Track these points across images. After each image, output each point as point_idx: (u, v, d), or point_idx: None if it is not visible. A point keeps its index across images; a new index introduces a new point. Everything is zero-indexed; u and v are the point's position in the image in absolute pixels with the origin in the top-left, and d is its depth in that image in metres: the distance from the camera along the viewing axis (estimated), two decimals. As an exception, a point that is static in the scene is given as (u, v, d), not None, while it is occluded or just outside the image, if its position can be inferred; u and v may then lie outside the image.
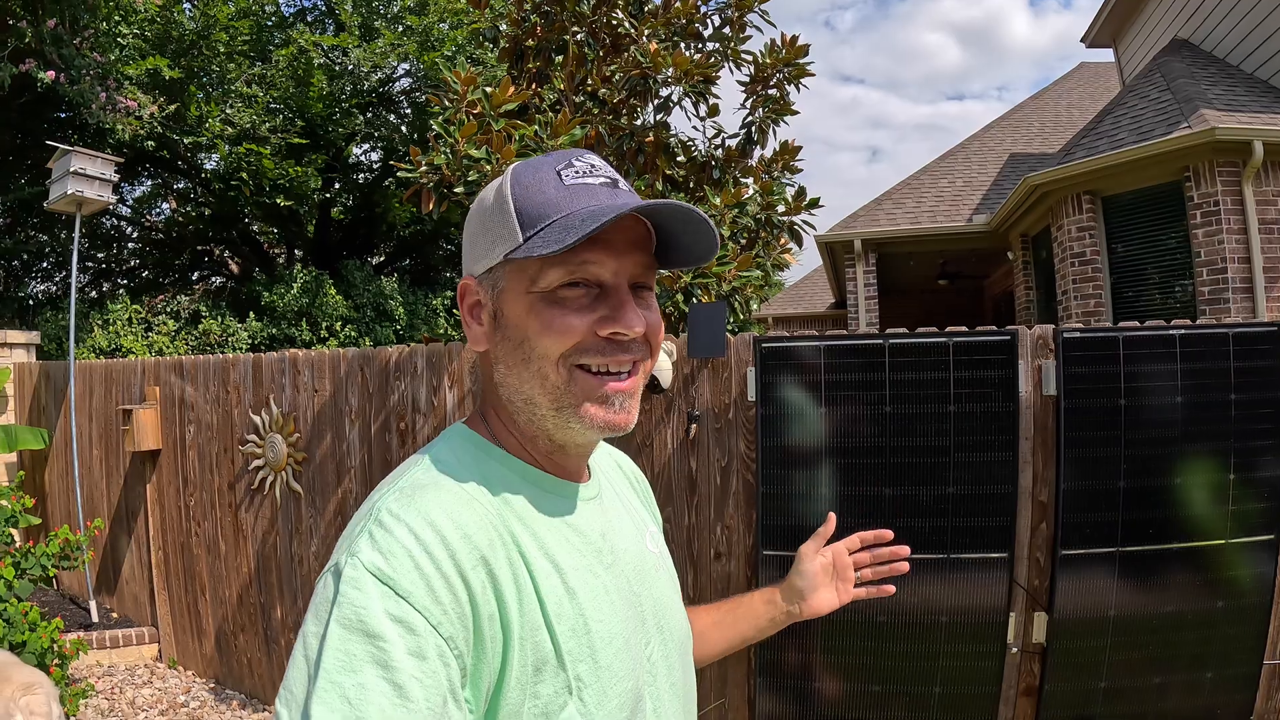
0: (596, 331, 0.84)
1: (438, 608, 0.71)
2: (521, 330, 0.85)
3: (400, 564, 0.72)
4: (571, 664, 0.80)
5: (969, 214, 10.20)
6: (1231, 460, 2.84)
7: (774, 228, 3.84)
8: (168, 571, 5.05)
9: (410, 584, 0.71)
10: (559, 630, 0.80)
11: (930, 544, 2.86)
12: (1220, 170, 6.63)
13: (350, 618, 0.69)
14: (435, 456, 0.86)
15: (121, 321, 9.08)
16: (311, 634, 0.70)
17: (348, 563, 0.73)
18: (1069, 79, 14.14)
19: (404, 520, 0.75)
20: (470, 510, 0.79)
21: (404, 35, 10.34)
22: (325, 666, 0.67)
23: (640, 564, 0.98)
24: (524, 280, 0.85)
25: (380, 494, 0.82)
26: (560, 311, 0.83)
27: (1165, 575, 2.85)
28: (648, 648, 0.93)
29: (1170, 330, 2.86)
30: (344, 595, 0.70)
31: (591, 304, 0.85)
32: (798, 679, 3.04)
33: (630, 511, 1.04)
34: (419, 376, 3.85)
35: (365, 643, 0.68)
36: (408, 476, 0.83)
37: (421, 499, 0.78)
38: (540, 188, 0.85)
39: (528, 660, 0.77)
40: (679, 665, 1.00)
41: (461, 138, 2.94)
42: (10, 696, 2.91)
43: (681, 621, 1.04)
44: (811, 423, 2.98)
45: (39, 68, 7.10)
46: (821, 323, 16.19)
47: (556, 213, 0.83)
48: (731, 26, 3.96)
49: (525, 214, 0.84)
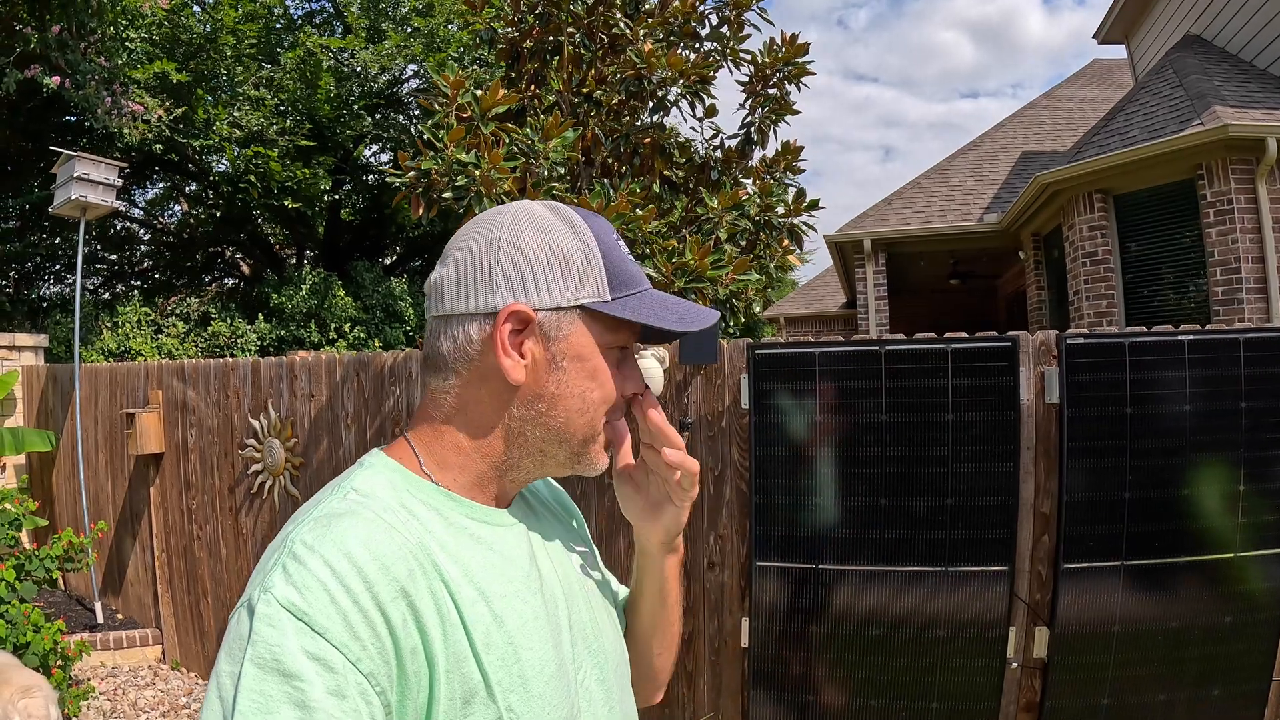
0: (620, 391, 0.92)
1: (356, 644, 0.68)
2: (582, 378, 0.88)
3: (315, 599, 0.69)
4: (502, 695, 0.77)
5: (980, 213, 10.10)
6: (1242, 470, 2.76)
7: (774, 230, 3.78)
8: (171, 574, 5.05)
9: (326, 620, 0.68)
10: (487, 660, 0.77)
11: (928, 556, 2.80)
12: (1234, 168, 6.52)
13: (265, 656, 0.66)
14: (353, 484, 0.83)
15: (131, 324, 9.11)
16: (225, 674, 0.67)
17: (261, 598, 0.69)
18: (1081, 76, 13.99)
19: (318, 552, 0.72)
20: (389, 539, 0.76)
21: (411, 37, 10.32)
22: (241, 709, 0.64)
23: (568, 587, 0.95)
24: (596, 332, 0.89)
25: (295, 525, 0.79)
26: (607, 368, 0.90)
27: (1172, 589, 2.78)
28: (579, 672, 0.91)
29: (1178, 335, 2.78)
30: (258, 633, 0.67)
31: (620, 362, 0.93)
32: (794, 691, 2.99)
33: (556, 533, 1.02)
34: (414, 382, 3.82)
35: (282, 682, 0.65)
36: (323, 506, 0.80)
37: (337, 529, 0.75)
38: (620, 255, 0.91)
39: (455, 693, 0.75)
40: (616, 688, 0.97)
41: (449, 142, 2.90)
42: (9, 699, 2.90)
43: (615, 642, 1.01)
44: (806, 431, 2.92)
45: (44, 73, 7.12)
46: (834, 322, 16.10)
47: (638, 285, 0.91)
48: (729, 26, 3.90)
49: (614, 275, 0.89)
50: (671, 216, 3.58)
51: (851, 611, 2.88)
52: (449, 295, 0.88)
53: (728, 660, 3.22)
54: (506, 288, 0.86)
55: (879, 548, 2.82)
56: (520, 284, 0.86)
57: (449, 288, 0.88)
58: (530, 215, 0.89)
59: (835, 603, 2.90)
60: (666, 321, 0.89)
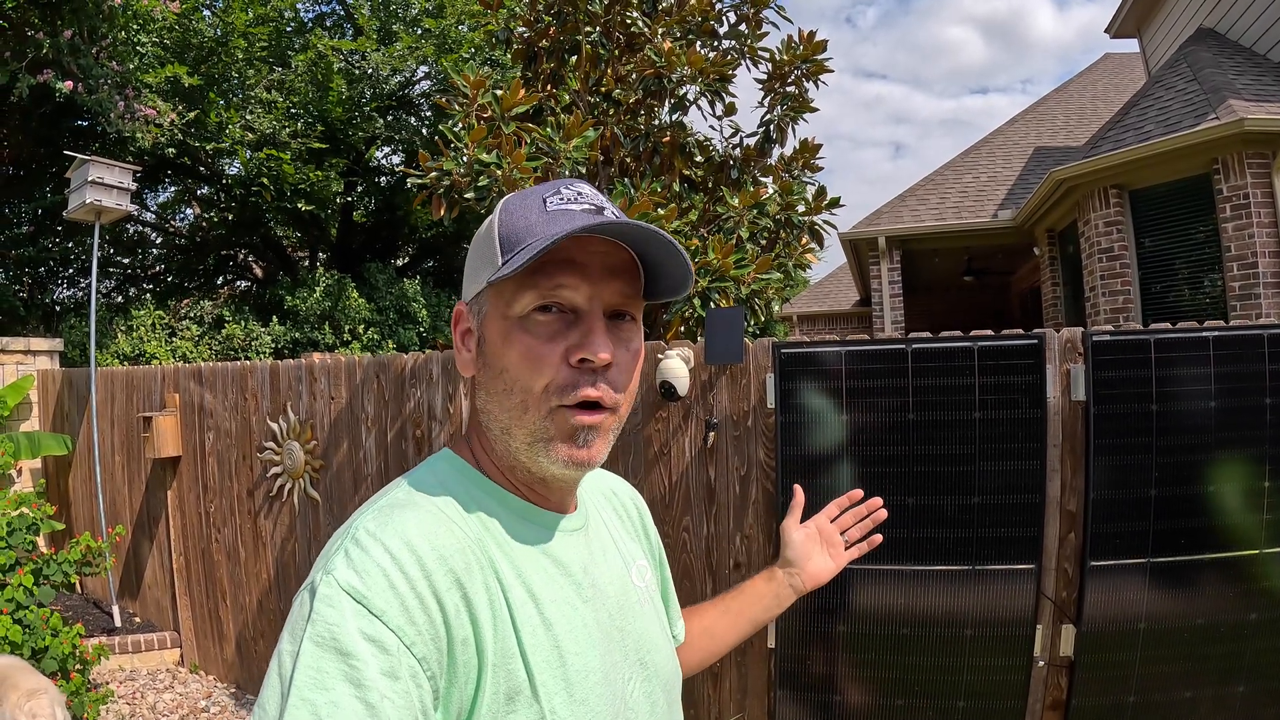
0: (568, 360, 0.82)
1: (411, 628, 0.71)
2: (501, 358, 0.85)
3: (375, 583, 0.71)
4: (545, 696, 0.79)
5: (994, 209, 10.05)
6: (1267, 467, 2.74)
7: (794, 228, 3.77)
8: (189, 577, 5.06)
9: (384, 603, 0.71)
10: (533, 660, 0.79)
11: (955, 555, 2.78)
12: (1250, 162, 6.47)
13: (324, 635, 0.69)
14: (417, 479, 0.87)
15: (145, 327, 9.14)
16: (286, 651, 0.70)
17: (323, 581, 0.72)
18: (1093, 71, 13.92)
19: (380, 539, 0.75)
20: (448, 532, 0.79)
21: (422, 38, 10.33)
22: (298, 683, 0.67)
23: (624, 599, 0.96)
24: (501, 304, 0.85)
25: (359, 514, 0.82)
26: (532, 338, 0.83)
27: (1197, 586, 2.76)
28: (628, 684, 0.92)
29: (1203, 332, 2.76)
30: (318, 613, 0.70)
31: (565, 330, 0.83)
32: (820, 691, 2.98)
33: (618, 544, 1.03)
34: (434, 384, 3.81)
35: (338, 660, 0.68)
36: (387, 497, 0.83)
37: (399, 519, 0.77)
38: (524, 214, 0.85)
39: (500, 688, 0.77)
40: (663, 702, 0.98)
41: (471, 141, 2.90)
42: (15, 703, 2.92)
43: (668, 658, 1.03)
44: (832, 430, 2.91)
45: (57, 78, 7.15)
46: (846, 320, 16.04)
47: (531, 237, 0.82)
48: (747, 23, 3.89)
49: (506, 239, 0.84)
50: (691, 215, 3.57)
51: (878, 611, 2.87)
52: None
53: (753, 660, 3.22)
54: (464, 294, 0.93)
55: (906, 547, 2.80)
56: (465, 286, 0.92)
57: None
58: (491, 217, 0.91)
59: (861, 602, 2.89)
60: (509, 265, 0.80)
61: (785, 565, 1.30)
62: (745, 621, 1.28)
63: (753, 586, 1.30)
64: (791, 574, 1.29)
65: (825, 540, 1.33)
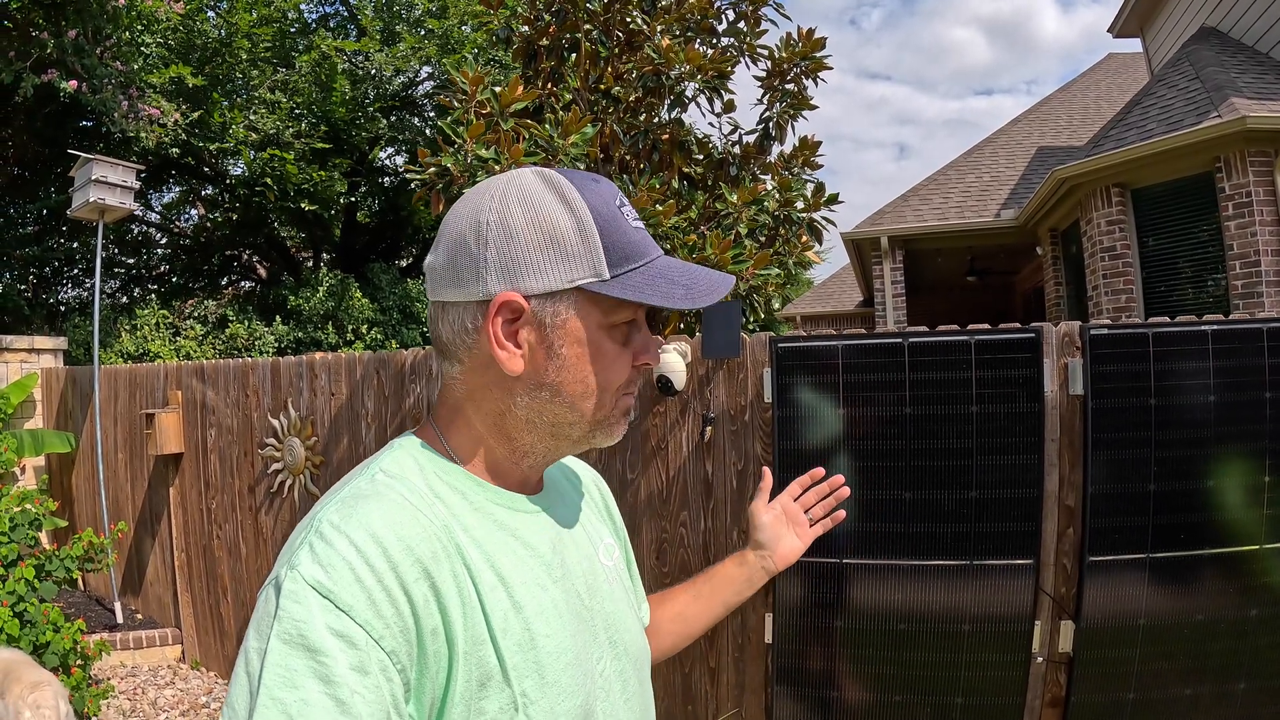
0: (633, 363, 0.89)
1: (379, 621, 0.70)
2: (585, 362, 0.85)
3: (340, 577, 0.70)
4: (517, 679, 0.79)
5: (997, 209, 10.04)
6: (1267, 461, 2.73)
7: (793, 225, 3.77)
8: (190, 573, 5.07)
9: (351, 597, 0.70)
10: (504, 645, 0.79)
11: (953, 550, 2.78)
12: (1252, 160, 6.46)
13: (291, 632, 0.68)
14: (380, 466, 0.84)
15: (149, 327, 9.17)
16: (253, 649, 0.69)
17: (288, 576, 0.71)
18: (1096, 70, 13.90)
19: (344, 532, 0.73)
20: (413, 521, 0.77)
21: (425, 39, 10.35)
22: (266, 682, 0.66)
23: (592, 579, 0.96)
24: (596, 313, 0.85)
25: (322, 505, 0.80)
26: (614, 344, 0.87)
27: (1197, 582, 2.75)
28: (599, 664, 0.92)
29: (1202, 326, 2.75)
30: (284, 610, 0.69)
31: (630, 335, 0.89)
32: (817, 687, 2.97)
33: (584, 524, 1.02)
34: (434, 379, 3.82)
35: (306, 657, 0.67)
36: (350, 486, 0.82)
37: (363, 510, 0.76)
38: (622, 225, 0.85)
39: (472, 675, 0.76)
40: (634, 680, 0.98)
41: (469, 138, 2.90)
42: (19, 695, 2.94)
43: (637, 636, 1.03)
44: (829, 425, 2.91)
45: (62, 78, 7.18)
46: (850, 321, 16.04)
47: (642, 257, 0.85)
48: (746, 21, 3.89)
49: (613, 249, 0.83)
50: (690, 212, 3.58)
51: (875, 606, 2.86)
52: (442, 282, 0.86)
53: (751, 656, 3.21)
54: (497, 275, 0.82)
55: (903, 541, 2.80)
56: (511, 270, 0.82)
57: (442, 274, 0.86)
58: (520, 190, 0.84)
59: (859, 597, 2.89)
60: (672, 300, 0.83)
61: (756, 548, 1.31)
62: (718, 605, 1.30)
63: (724, 570, 1.31)
64: (763, 556, 1.30)
65: (790, 519, 1.34)
